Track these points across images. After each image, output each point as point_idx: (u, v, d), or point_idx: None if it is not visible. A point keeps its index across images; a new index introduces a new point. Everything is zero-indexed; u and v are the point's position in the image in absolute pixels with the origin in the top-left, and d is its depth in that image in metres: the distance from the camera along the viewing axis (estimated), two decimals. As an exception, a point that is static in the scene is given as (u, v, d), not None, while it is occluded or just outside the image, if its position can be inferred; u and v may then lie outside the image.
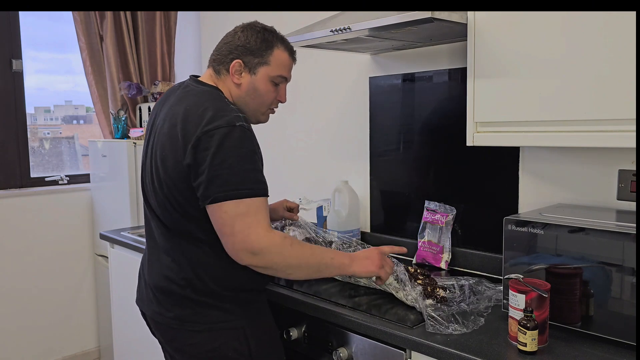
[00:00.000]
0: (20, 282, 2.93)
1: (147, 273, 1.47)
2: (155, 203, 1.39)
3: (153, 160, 1.38)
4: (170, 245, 1.39)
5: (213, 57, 1.44)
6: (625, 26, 1.17)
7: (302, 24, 2.19)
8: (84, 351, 3.19)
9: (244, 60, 1.39)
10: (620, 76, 1.19)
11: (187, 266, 1.36)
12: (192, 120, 1.28)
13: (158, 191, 1.36)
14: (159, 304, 1.41)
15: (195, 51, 3.35)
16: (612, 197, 1.52)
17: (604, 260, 1.20)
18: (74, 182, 3.16)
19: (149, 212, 1.44)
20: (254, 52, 1.39)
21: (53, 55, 3.20)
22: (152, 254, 1.47)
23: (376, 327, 1.35)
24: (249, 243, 1.23)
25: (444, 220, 1.89)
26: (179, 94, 1.41)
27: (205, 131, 1.24)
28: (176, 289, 1.37)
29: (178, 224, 1.36)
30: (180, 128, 1.29)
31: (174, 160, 1.29)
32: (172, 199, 1.33)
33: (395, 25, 1.50)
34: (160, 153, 1.34)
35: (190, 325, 1.36)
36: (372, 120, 2.21)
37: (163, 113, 1.40)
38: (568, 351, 1.18)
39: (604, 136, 1.24)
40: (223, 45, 1.43)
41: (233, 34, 1.42)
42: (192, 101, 1.34)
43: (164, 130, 1.35)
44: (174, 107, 1.37)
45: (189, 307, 1.36)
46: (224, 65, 1.41)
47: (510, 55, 1.38)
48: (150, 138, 1.43)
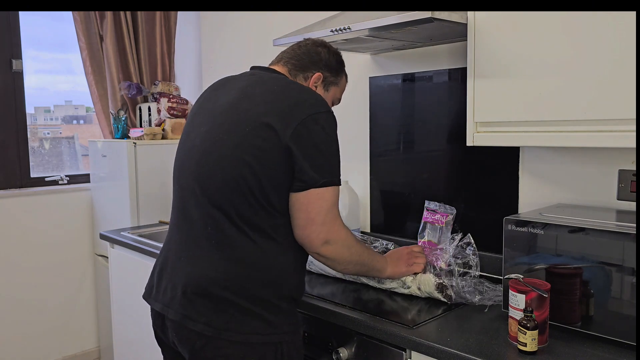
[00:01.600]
0: (20, 282, 2.93)
1: (180, 270, 1.32)
2: (221, 190, 1.26)
3: (222, 144, 1.27)
4: (229, 240, 1.26)
5: (292, 62, 1.44)
6: (625, 26, 1.17)
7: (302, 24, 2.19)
8: (84, 351, 3.19)
9: (324, 75, 1.46)
10: (620, 76, 1.19)
11: (239, 265, 1.25)
12: (286, 99, 1.26)
13: (232, 177, 1.24)
14: (191, 307, 1.27)
15: (195, 51, 3.35)
16: (612, 197, 1.52)
17: (604, 260, 1.20)
18: (74, 182, 3.15)
19: (201, 202, 1.29)
20: (332, 71, 1.48)
21: (53, 55, 3.20)
22: (193, 248, 1.31)
23: (376, 327, 1.35)
24: (332, 233, 1.27)
25: (444, 220, 1.89)
26: (250, 79, 1.36)
27: (310, 114, 1.24)
28: (220, 291, 1.25)
29: (247, 214, 1.24)
30: (274, 107, 1.25)
31: (261, 140, 1.22)
32: (250, 183, 1.23)
33: (395, 25, 1.50)
34: (241, 134, 1.25)
35: (228, 333, 1.23)
36: (372, 120, 2.21)
37: (231, 96, 1.33)
38: (568, 351, 1.18)
39: (604, 136, 1.24)
40: (303, 54, 1.45)
41: (313, 47, 1.46)
42: (281, 84, 1.32)
43: (243, 110, 1.28)
44: (253, 89, 1.32)
45: (228, 313, 1.24)
46: (303, 73, 1.44)
47: (510, 55, 1.38)
48: (209, 122, 1.33)
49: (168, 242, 1.41)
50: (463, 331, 1.29)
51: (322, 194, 1.24)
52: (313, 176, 1.22)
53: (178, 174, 1.39)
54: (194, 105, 1.46)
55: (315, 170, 1.23)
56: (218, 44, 3.12)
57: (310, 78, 1.44)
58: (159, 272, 1.39)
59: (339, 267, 1.38)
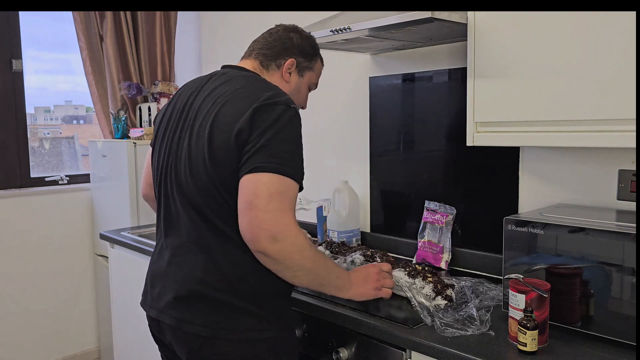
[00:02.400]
0: (20, 282, 2.93)
1: (171, 276, 1.32)
2: (198, 193, 1.25)
3: (193, 146, 1.27)
4: (214, 242, 1.25)
5: (262, 52, 1.42)
6: (625, 26, 1.17)
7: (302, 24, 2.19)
8: (84, 351, 3.19)
9: (297, 60, 1.43)
10: (620, 76, 1.19)
11: (229, 265, 1.24)
12: (247, 97, 1.23)
13: (204, 178, 1.23)
14: (185, 310, 1.27)
15: (195, 51, 3.35)
16: (612, 197, 1.52)
17: (604, 260, 1.20)
18: (74, 182, 3.16)
19: (183, 206, 1.29)
20: (306, 56, 1.45)
21: (53, 55, 3.20)
22: (180, 253, 1.31)
23: (376, 327, 1.35)
24: (277, 226, 1.13)
25: (444, 220, 1.89)
26: (219, 79, 1.35)
27: (263, 104, 1.20)
28: (211, 292, 1.24)
29: (225, 215, 1.23)
30: (234, 105, 1.23)
31: (224, 139, 1.20)
32: (219, 185, 1.22)
33: (395, 25, 1.50)
34: (207, 134, 1.23)
35: (224, 332, 1.23)
36: (372, 120, 2.21)
37: (200, 98, 1.32)
38: (568, 351, 1.18)
39: (604, 136, 1.24)
40: (275, 41, 1.42)
41: (285, 33, 1.44)
42: (244, 82, 1.29)
43: (207, 111, 1.27)
44: (219, 89, 1.30)
45: (222, 313, 1.24)
46: (275, 61, 1.41)
47: (511, 55, 1.38)
48: (182, 125, 1.33)
49: (157, 248, 1.41)
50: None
51: (258, 178, 1.14)
52: (256, 160, 1.15)
53: (159, 180, 1.38)
54: (167, 107, 1.43)
55: (260, 155, 1.15)
56: (218, 44, 3.12)
57: (284, 65, 1.41)
58: (151, 278, 1.39)
59: (288, 273, 1.21)
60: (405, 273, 1.56)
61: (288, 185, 1.16)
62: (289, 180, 1.16)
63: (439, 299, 1.45)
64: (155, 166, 1.40)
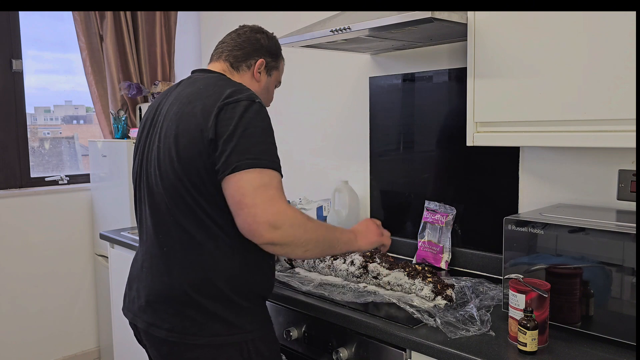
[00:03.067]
0: (20, 282, 2.93)
1: (143, 280, 1.35)
2: (165, 195, 1.28)
3: (162, 148, 1.29)
4: (180, 245, 1.28)
5: (233, 54, 1.44)
6: (625, 26, 1.17)
7: (302, 24, 2.19)
8: (84, 351, 3.19)
9: (266, 61, 1.47)
10: (620, 76, 1.19)
11: (198, 266, 1.26)
12: (210, 96, 1.25)
13: (172, 179, 1.26)
14: (154, 315, 1.30)
15: (195, 51, 3.35)
16: (612, 197, 1.52)
17: (604, 260, 1.20)
18: (74, 182, 3.16)
19: (151, 210, 1.33)
20: (273, 56, 1.49)
21: (53, 55, 3.20)
22: (149, 258, 1.35)
23: (376, 327, 1.35)
24: (272, 215, 1.16)
25: (444, 220, 1.89)
26: (186, 83, 1.39)
27: (227, 102, 1.22)
28: (179, 295, 1.27)
29: (193, 216, 1.25)
30: (197, 104, 1.25)
31: (190, 138, 1.23)
32: (188, 184, 1.24)
33: (395, 25, 1.50)
34: (173, 135, 1.26)
35: (190, 338, 1.25)
36: (372, 120, 2.21)
37: (169, 102, 1.36)
38: (568, 351, 1.18)
39: (604, 136, 1.24)
40: (244, 42, 1.45)
41: (252, 34, 1.46)
42: (206, 82, 1.32)
43: (173, 113, 1.30)
44: (184, 91, 1.33)
45: (189, 317, 1.26)
46: (246, 61, 1.44)
47: (511, 55, 1.38)
48: (153, 130, 1.37)
49: (136, 253, 1.45)
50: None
51: (239, 177, 1.16)
52: (232, 160, 1.17)
53: (135, 185, 1.43)
54: (146, 111, 1.48)
55: (235, 154, 1.17)
56: (218, 44, 3.12)
57: (254, 65, 1.45)
58: (129, 282, 1.43)
59: (299, 251, 1.23)
60: (405, 273, 1.56)
61: (269, 175, 1.19)
62: (268, 171, 1.19)
63: (439, 299, 1.45)
64: (133, 173, 1.45)
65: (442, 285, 1.49)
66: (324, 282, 1.69)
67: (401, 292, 1.54)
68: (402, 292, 1.54)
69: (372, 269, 1.62)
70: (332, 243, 1.32)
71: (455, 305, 1.45)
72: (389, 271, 1.60)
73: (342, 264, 1.70)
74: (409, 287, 1.52)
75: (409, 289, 1.52)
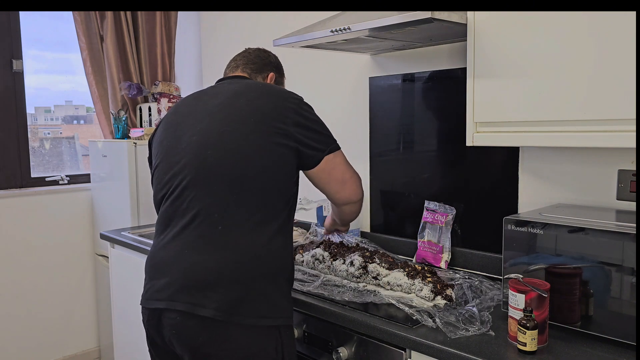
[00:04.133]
0: (21, 282, 2.93)
1: (184, 262, 1.32)
2: (231, 175, 1.32)
3: (225, 133, 1.35)
4: (237, 224, 1.31)
5: (250, 66, 1.63)
6: (625, 26, 1.18)
7: (302, 24, 2.19)
8: (84, 351, 3.19)
9: (275, 75, 1.68)
10: (620, 76, 1.19)
11: (252, 245, 1.31)
12: (276, 96, 1.42)
13: (230, 163, 1.32)
14: (200, 294, 1.28)
15: (195, 51, 3.35)
16: (612, 197, 1.52)
17: (604, 260, 1.20)
18: (74, 182, 3.16)
19: (205, 191, 1.33)
20: (279, 72, 1.72)
21: (53, 55, 3.20)
22: (195, 239, 1.33)
23: (376, 327, 1.36)
24: (359, 177, 1.55)
25: (444, 220, 1.90)
26: (233, 84, 1.49)
27: (297, 103, 1.42)
28: (225, 276, 1.28)
29: (255, 197, 1.32)
30: (267, 102, 1.39)
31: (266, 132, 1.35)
32: (252, 171, 1.32)
33: (395, 26, 1.50)
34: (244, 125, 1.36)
35: (238, 317, 1.27)
36: (372, 120, 2.21)
37: (223, 97, 1.43)
38: (568, 351, 1.18)
39: (604, 136, 1.24)
40: (255, 58, 1.65)
41: (259, 52, 1.68)
42: (261, 84, 1.51)
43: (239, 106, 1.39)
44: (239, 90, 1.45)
45: (239, 296, 1.27)
46: (261, 74, 1.64)
47: (510, 55, 1.38)
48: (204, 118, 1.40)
49: (160, 241, 1.41)
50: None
51: (334, 157, 1.44)
52: (321, 148, 1.41)
53: (170, 174, 1.40)
54: (171, 114, 1.51)
55: (320, 144, 1.41)
56: (218, 44, 3.12)
57: (267, 78, 1.65)
58: (157, 271, 1.38)
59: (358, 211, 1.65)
60: (405, 273, 1.56)
61: (342, 152, 1.49)
62: (340, 150, 1.48)
63: (439, 299, 1.45)
64: (164, 158, 1.43)
65: (442, 285, 1.49)
66: (325, 282, 1.69)
67: (401, 292, 1.54)
68: (401, 292, 1.54)
69: (372, 270, 1.62)
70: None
71: (455, 305, 1.45)
72: (388, 271, 1.60)
73: (342, 264, 1.70)
74: (408, 287, 1.52)
75: (408, 289, 1.52)
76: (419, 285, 1.50)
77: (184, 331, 1.30)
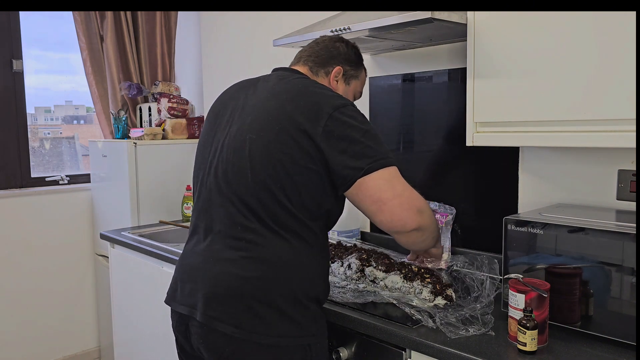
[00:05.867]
0: (21, 282, 2.93)
1: (204, 272, 1.29)
2: (246, 187, 1.25)
3: (252, 139, 1.26)
4: (254, 240, 1.25)
5: (311, 59, 1.45)
6: (625, 26, 1.18)
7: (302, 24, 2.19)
8: (84, 351, 3.19)
9: (344, 69, 1.46)
10: (620, 76, 1.19)
11: (269, 265, 1.23)
12: (312, 100, 1.25)
13: (259, 172, 1.23)
14: (220, 309, 1.24)
15: (195, 51, 3.35)
16: (612, 197, 1.52)
17: (604, 260, 1.20)
18: (74, 182, 3.16)
19: (226, 200, 1.28)
20: (352, 64, 1.48)
21: (54, 55, 3.21)
22: (212, 250, 1.29)
23: (376, 327, 1.36)
24: (415, 200, 1.24)
25: (444, 220, 1.89)
26: (276, 79, 1.36)
27: (335, 108, 1.23)
28: (247, 291, 1.22)
29: (276, 215, 1.23)
30: (297, 107, 1.25)
31: (293, 139, 1.22)
32: (281, 183, 1.22)
33: (395, 26, 1.50)
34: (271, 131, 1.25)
35: (257, 336, 1.21)
36: (372, 120, 2.21)
37: (261, 96, 1.33)
38: (568, 351, 1.18)
39: (604, 136, 1.24)
40: (321, 50, 1.46)
41: (330, 42, 1.47)
42: (303, 84, 1.32)
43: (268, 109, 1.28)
44: (276, 88, 1.32)
45: (258, 315, 1.22)
46: (324, 68, 1.44)
47: (510, 56, 1.38)
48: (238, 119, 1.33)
49: (191, 244, 1.38)
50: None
51: (372, 177, 1.20)
52: (356, 166, 1.20)
53: (202, 173, 1.37)
54: (216, 103, 1.45)
55: (356, 160, 1.21)
56: (218, 44, 3.12)
57: (331, 72, 1.44)
58: (183, 274, 1.36)
59: (427, 238, 1.32)
60: (402, 276, 1.55)
61: (389, 171, 1.23)
62: (388, 168, 1.23)
63: (439, 299, 1.45)
64: (200, 158, 1.41)
65: (441, 285, 1.49)
66: None
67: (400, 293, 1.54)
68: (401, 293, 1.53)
69: (369, 273, 1.61)
70: (437, 235, 1.40)
71: (455, 304, 1.45)
72: (385, 274, 1.58)
73: (340, 267, 1.69)
74: (407, 290, 1.51)
75: (407, 291, 1.51)
76: (418, 288, 1.49)
77: (210, 344, 1.27)
